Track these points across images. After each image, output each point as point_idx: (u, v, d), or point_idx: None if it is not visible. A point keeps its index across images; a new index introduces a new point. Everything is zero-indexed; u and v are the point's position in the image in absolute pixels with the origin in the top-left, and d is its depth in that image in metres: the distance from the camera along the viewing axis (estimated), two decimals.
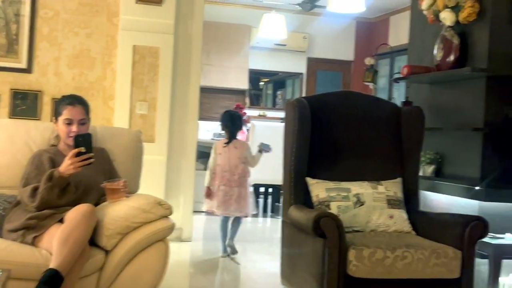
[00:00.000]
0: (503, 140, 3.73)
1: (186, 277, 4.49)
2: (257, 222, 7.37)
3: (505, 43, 3.71)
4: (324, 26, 9.95)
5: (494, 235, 3.48)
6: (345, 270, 2.91)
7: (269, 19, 8.30)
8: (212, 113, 9.70)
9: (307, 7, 7.74)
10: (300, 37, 10.06)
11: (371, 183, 3.42)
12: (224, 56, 9.66)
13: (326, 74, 10.54)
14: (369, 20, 10.38)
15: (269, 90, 11.89)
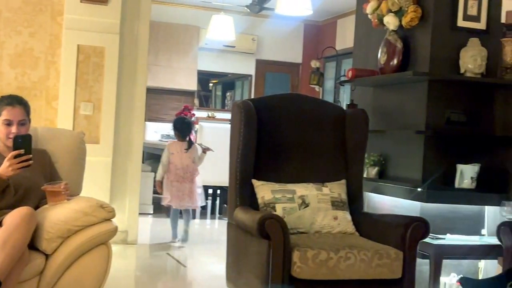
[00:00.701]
0: (444, 143, 3.82)
1: (131, 280, 4.44)
2: (205, 224, 7.35)
3: (446, 47, 3.79)
4: (273, 28, 10.01)
5: (435, 235, 3.55)
6: (289, 271, 2.93)
7: (218, 21, 8.29)
8: (160, 114, 9.63)
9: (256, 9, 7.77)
10: (249, 39, 10.09)
11: (316, 184, 3.45)
12: (172, 57, 9.60)
13: (274, 76, 10.61)
14: (317, 23, 10.49)
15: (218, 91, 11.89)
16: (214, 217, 7.63)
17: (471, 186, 3.68)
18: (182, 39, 9.68)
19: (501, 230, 3.20)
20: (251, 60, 10.33)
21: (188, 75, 9.74)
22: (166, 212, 7.16)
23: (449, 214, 3.81)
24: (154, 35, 9.16)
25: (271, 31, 10.12)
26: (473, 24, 3.81)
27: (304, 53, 10.46)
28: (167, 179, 5.69)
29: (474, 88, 3.85)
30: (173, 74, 9.62)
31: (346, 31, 9.53)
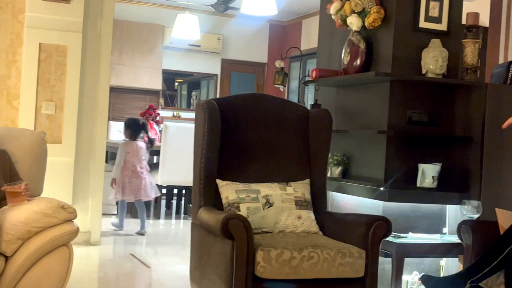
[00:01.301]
0: (406, 143, 3.86)
1: (95, 281, 4.38)
2: (170, 224, 7.31)
3: (408, 48, 3.84)
4: (238, 28, 10.01)
5: (397, 234, 3.59)
6: (253, 271, 2.93)
7: (183, 20, 8.24)
8: (124, 113, 9.54)
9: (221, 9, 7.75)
10: (214, 38, 10.07)
11: (280, 184, 3.46)
12: (136, 56, 9.52)
13: (240, 75, 10.61)
14: (282, 23, 10.52)
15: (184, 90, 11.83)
16: (179, 217, 7.59)
17: (433, 185, 3.73)
18: (147, 38, 9.61)
19: (461, 228, 3.24)
20: (216, 59, 10.31)
21: (153, 74, 9.68)
22: (130, 212, 7.11)
23: (411, 213, 3.86)
24: (118, 34, 9.08)
25: (237, 31, 10.12)
26: (434, 25, 3.86)
27: (269, 53, 10.48)
28: (124, 176, 6.12)
29: (436, 89, 3.90)
30: (137, 73, 9.54)
31: (311, 31, 9.58)
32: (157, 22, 9.65)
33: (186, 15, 8.25)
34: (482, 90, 3.76)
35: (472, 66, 3.84)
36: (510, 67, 3.90)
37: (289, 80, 9.60)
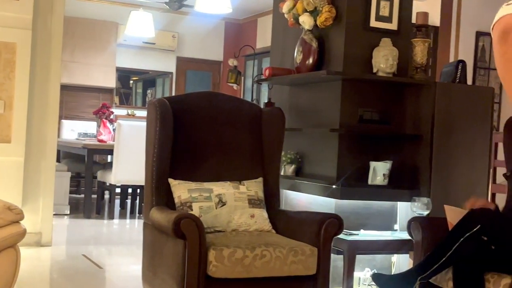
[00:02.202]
0: (358, 141, 3.90)
1: (46, 283, 4.30)
2: (124, 224, 7.23)
3: (359, 47, 3.88)
4: (193, 25, 9.95)
5: (349, 231, 3.62)
6: (205, 271, 2.92)
7: (136, 17, 8.16)
8: (77, 112, 9.39)
9: (175, 6, 7.69)
10: (169, 36, 9.99)
11: (233, 183, 3.45)
12: (89, 53, 9.37)
13: (196, 73, 10.55)
14: (238, 21, 10.51)
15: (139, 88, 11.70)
16: (133, 216, 7.51)
17: (384, 183, 3.78)
18: (100, 35, 9.47)
19: (411, 225, 3.28)
20: (171, 57, 10.24)
21: (106, 72, 9.54)
22: (83, 212, 7.00)
23: (363, 210, 3.90)
24: (70, 31, 8.93)
25: (192, 29, 10.06)
26: (385, 24, 3.91)
27: (225, 51, 10.46)
28: None
29: (386, 87, 3.95)
30: (90, 71, 9.39)
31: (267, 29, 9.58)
32: (111, 19, 9.52)
33: (140, 12, 8.16)
34: (431, 89, 3.82)
35: (421, 65, 3.90)
36: (458, 66, 3.98)
37: (245, 79, 9.60)
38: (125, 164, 6.87)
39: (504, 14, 1.47)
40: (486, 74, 7.00)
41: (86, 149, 7.00)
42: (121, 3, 9.42)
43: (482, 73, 6.98)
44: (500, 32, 1.46)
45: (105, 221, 6.97)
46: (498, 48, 1.46)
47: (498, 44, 1.47)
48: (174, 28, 10.01)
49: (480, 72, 6.97)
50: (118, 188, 7.37)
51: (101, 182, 7.34)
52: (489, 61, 7.01)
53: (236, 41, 10.27)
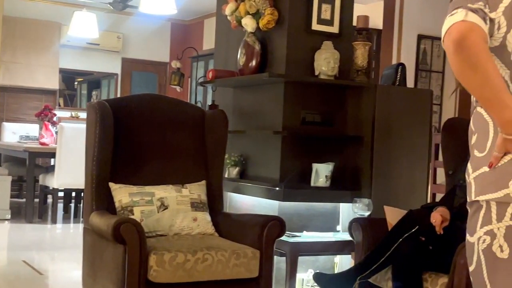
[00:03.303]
0: (300, 143, 3.93)
1: None
2: (68, 229, 7.09)
3: (302, 50, 3.90)
4: (139, 26, 9.84)
5: (292, 233, 3.64)
6: (146, 276, 2.89)
7: (80, 17, 8.01)
8: (19, 114, 9.15)
9: (119, 7, 7.59)
10: (114, 36, 9.85)
11: (175, 186, 3.43)
12: (31, 54, 9.15)
13: (141, 75, 10.43)
14: (184, 23, 10.45)
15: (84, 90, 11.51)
16: (77, 221, 7.36)
17: (326, 184, 3.81)
18: (42, 35, 9.25)
19: (352, 226, 3.33)
20: (116, 58, 10.09)
21: (49, 73, 9.32)
22: (25, 217, 6.83)
23: (306, 211, 3.92)
24: (10, 31, 8.71)
25: (137, 29, 9.94)
26: (326, 27, 3.94)
27: (171, 52, 10.37)
28: None
29: (328, 90, 3.99)
30: (32, 72, 9.16)
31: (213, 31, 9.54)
32: (53, 19, 9.32)
33: (84, 13, 8.02)
34: (372, 91, 3.88)
35: (362, 68, 3.95)
36: (398, 69, 4.05)
37: (192, 81, 9.55)
38: (68, 168, 6.73)
39: (451, 24, 1.49)
40: (427, 76, 7.15)
41: (28, 152, 6.83)
42: (64, 3, 9.23)
43: (424, 76, 7.13)
44: (453, 42, 1.47)
45: (48, 226, 6.82)
46: (456, 58, 1.48)
47: (454, 54, 1.48)
48: (119, 29, 9.87)
49: (422, 75, 7.11)
50: (61, 192, 7.21)
51: (43, 186, 7.17)
52: (430, 64, 7.16)
53: (183, 42, 10.20)
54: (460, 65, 1.49)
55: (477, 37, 1.47)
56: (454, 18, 1.49)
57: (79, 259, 5.05)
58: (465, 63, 1.47)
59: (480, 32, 1.48)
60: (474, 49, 1.46)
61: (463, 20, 1.47)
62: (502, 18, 1.54)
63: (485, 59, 1.46)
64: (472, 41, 1.46)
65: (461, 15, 1.48)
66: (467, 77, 1.49)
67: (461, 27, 1.47)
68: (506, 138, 1.51)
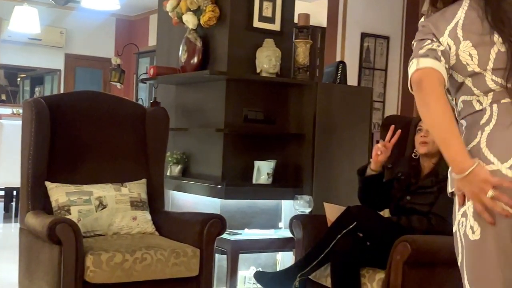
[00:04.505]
0: (243, 140, 3.92)
1: None
2: (9, 228, 6.90)
3: (243, 47, 3.89)
4: (82, 21, 9.66)
5: (233, 231, 3.63)
6: (82, 276, 2.83)
7: (21, 12, 7.79)
8: None
9: (61, 2, 7.42)
10: (57, 32, 9.65)
11: (114, 185, 3.37)
12: None
13: (86, 71, 10.26)
14: (130, 18, 10.32)
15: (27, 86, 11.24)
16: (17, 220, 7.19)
17: (268, 182, 3.82)
18: None
19: (292, 223, 3.34)
20: (59, 54, 9.89)
21: None
22: None
23: (248, 209, 3.93)
24: None
25: (81, 25, 9.76)
26: (268, 25, 3.95)
27: (116, 48, 10.22)
28: None
29: (270, 87, 4.00)
30: None
31: None
32: None
33: (25, 7, 7.80)
34: (313, 89, 3.90)
35: (304, 66, 3.97)
36: (339, 67, 4.09)
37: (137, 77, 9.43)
38: (8, 165, 6.56)
39: (410, 75, 1.73)
40: (371, 74, 7.24)
41: None
42: None
43: (367, 73, 7.21)
44: (414, 84, 1.71)
45: None
46: (417, 96, 1.70)
47: (416, 93, 1.70)
48: (62, 24, 9.67)
49: (365, 72, 7.20)
50: (2, 190, 7.02)
51: None
52: (373, 62, 7.25)
53: (128, 38, 10.06)
54: (417, 104, 1.70)
55: (430, 81, 1.68)
56: (411, 70, 1.72)
57: (17, 260, 4.95)
58: (420, 103, 1.69)
59: (433, 75, 1.69)
60: (426, 91, 1.68)
61: (417, 69, 1.70)
62: (449, 39, 1.75)
63: (435, 101, 1.66)
64: (425, 85, 1.68)
65: (414, 65, 1.71)
66: (423, 115, 1.70)
67: (416, 74, 1.70)
68: (454, 178, 1.68)
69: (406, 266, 2.68)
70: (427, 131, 3.02)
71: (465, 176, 1.61)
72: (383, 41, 7.25)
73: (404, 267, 2.68)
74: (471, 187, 1.61)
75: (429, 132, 2.99)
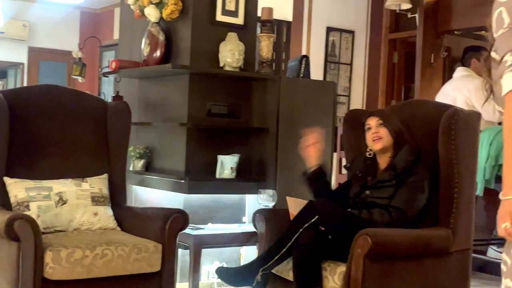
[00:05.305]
0: (206, 135, 3.90)
1: None
2: None
3: (207, 41, 3.86)
4: (46, 14, 9.51)
5: (195, 226, 3.62)
6: (42, 273, 2.79)
7: None
8: None
9: None
10: (20, 25, 9.49)
11: (75, 180, 3.33)
12: None
13: (50, 64, 10.11)
14: (95, 11, 10.19)
15: None
16: None
17: (231, 176, 3.81)
18: None
19: (255, 217, 3.34)
20: (23, 47, 9.72)
21: None
22: None
23: (212, 204, 3.91)
24: None
25: (45, 18, 9.60)
26: (231, 19, 3.92)
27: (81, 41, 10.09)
28: None
29: (234, 81, 3.98)
30: None
31: None
32: None
33: None
34: (276, 83, 3.90)
35: (267, 60, 3.96)
36: (302, 61, 4.09)
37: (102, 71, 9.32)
38: None
39: None
40: (336, 68, 7.27)
41: None
42: None
43: (332, 68, 7.25)
44: None
45: None
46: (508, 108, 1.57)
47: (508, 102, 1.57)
48: (25, 17, 9.50)
49: (330, 67, 7.23)
50: None
51: None
52: (339, 56, 7.29)
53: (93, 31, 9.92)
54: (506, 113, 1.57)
55: None
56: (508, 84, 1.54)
57: None
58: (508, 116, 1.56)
59: None
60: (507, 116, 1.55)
61: None
62: None
63: None
64: None
65: None
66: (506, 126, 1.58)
67: None
68: None
69: (366, 260, 2.69)
70: (377, 127, 3.05)
71: (503, 200, 1.58)
72: (348, 35, 7.29)
73: (365, 260, 2.70)
74: (500, 211, 1.60)
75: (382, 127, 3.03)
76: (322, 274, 2.85)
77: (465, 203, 3.03)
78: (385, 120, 3.08)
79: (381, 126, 3.07)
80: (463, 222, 3.03)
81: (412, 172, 2.98)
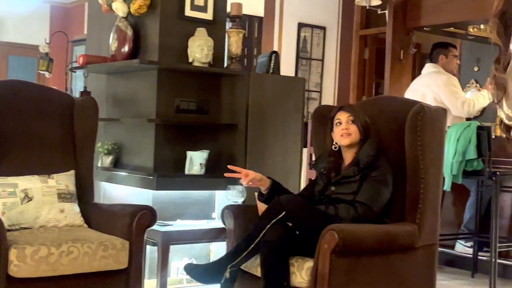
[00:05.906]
0: (175, 131, 3.88)
1: None
2: None
3: (175, 36, 3.84)
4: (14, 8, 9.36)
5: (164, 222, 3.60)
6: (6, 271, 2.75)
7: None
8: None
9: None
10: None
11: (41, 177, 3.29)
12: None
13: (19, 59, 9.96)
14: (65, 5, 10.07)
15: None
16: None
17: (200, 172, 3.79)
18: None
19: (224, 213, 3.32)
20: None
21: None
22: None
23: (181, 200, 3.90)
24: None
25: (13, 11, 9.45)
26: (200, 14, 3.90)
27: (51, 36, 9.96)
28: None
29: (203, 77, 3.96)
30: None
31: None
32: None
33: None
34: (246, 79, 3.89)
35: (236, 56, 3.95)
36: (272, 57, 4.08)
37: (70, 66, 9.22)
38: None
39: None
40: (308, 64, 7.29)
41: None
42: None
43: (304, 63, 7.26)
44: None
45: None
46: None
47: None
48: None
49: (302, 62, 7.24)
50: None
51: None
52: (310, 52, 7.31)
53: (64, 25, 9.80)
54: None
55: None
56: None
57: None
58: None
59: None
60: None
61: None
62: None
63: None
64: None
65: None
66: None
67: None
68: None
69: (333, 255, 2.70)
70: (348, 124, 3.06)
71: None
72: (319, 31, 7.31)
73: (332, 256, 2.70)
74: None
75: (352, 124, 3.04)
76: (290, 269, 2.85)
77: (431, 199, 3.06)
78: (356, 116, 3.09)
79: (352, 123, 3.08)
80: (429, 217, 3.05)
81: (374, 166, 3.00)
